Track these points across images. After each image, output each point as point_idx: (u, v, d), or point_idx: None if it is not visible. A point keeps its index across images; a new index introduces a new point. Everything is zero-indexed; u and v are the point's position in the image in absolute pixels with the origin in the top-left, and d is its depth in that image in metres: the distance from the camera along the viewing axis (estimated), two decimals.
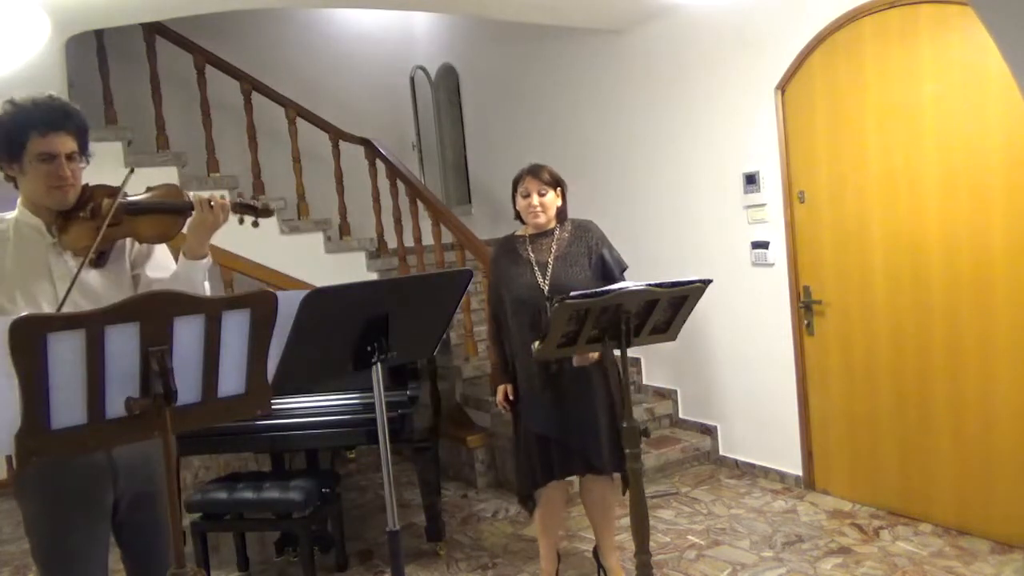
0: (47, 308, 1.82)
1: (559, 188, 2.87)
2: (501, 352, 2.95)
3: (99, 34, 4.54)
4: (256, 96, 4.97)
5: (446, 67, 6.59)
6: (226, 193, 2.00)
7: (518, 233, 2.95)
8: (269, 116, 5.15)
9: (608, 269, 2.83)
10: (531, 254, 2.85)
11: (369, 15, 6.56)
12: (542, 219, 2.84)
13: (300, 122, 5.11)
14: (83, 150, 1.90)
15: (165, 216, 1.95)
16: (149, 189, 2.01)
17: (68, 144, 1.85)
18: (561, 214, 2.90)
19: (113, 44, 4.69)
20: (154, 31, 4.70)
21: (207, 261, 1.98)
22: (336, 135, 5.26)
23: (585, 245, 2.84)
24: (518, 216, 2.92)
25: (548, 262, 2.81)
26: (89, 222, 1.87)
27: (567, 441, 2.78)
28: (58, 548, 1.87)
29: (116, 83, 4.65)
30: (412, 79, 6.77)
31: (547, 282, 2.76)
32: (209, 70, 4.86)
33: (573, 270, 2.78)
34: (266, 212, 2.08)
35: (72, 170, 1.87)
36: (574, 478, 3.02)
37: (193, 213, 1.93)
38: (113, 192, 1.90)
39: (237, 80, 4.95)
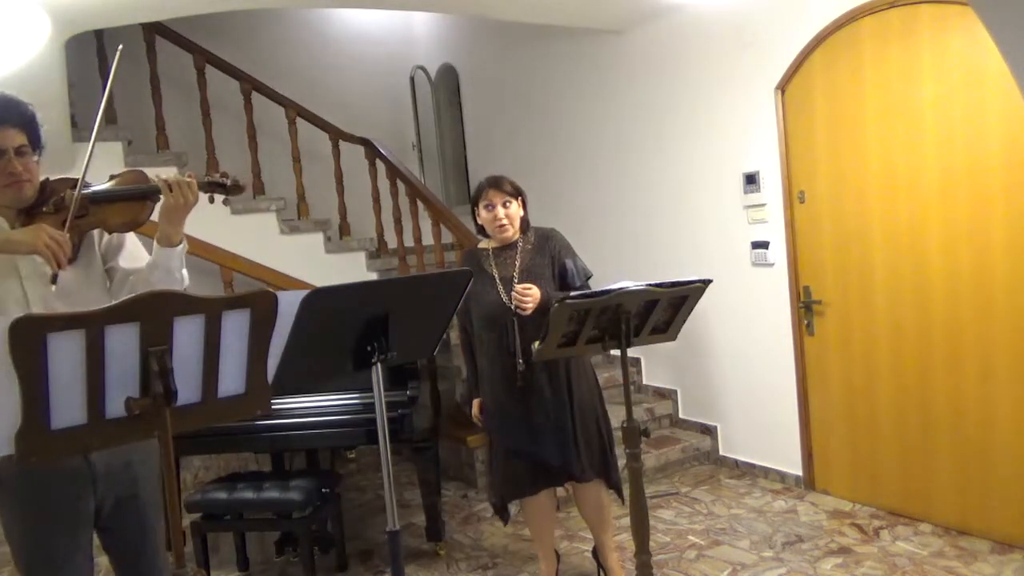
0: (15, 309, 1.76)
1: (520, 198, 2.83)
2: (472, 364, 2.91)
3: (99, 34, 4.54)
4: (256, 96, 4.97)
5: (446, 67, 6.58)
6: (193, 173, 1.95)
7: (481, 246, 2.91)
8: (269, 116, 5.15)
9: (568, 279, 2.79)
10: (495, 270, 2.80)
11: (369, 15, 6.55)
12: (509, 232, 2.79)
13: (300, 122, 5.10)
14: (35, 143, 1.84)
15: (132, 203, 1.89)
16: (112, 177, 1.96)
17: (15, 138, 1.80)
18: (524, 224, 2.86)
19: (113, 44, 4.68)
20: (154, 31, 4.70)
21: (183, 247, 1.92)
22: (336, 135, 5.26)
23: (548, 255, 2.80)
24: (480, 230, 2.88)
25: (512, 277, 2.77)
26: (54, 216, 1.82)
27: (543, 455, 2.75)
28: (39, 555, 1.83)
29: (116, 83, 4.60)
30: (412, 79, 6.77)
31: (512, 299, 2.72)
32: (209, 70, 4.85)
33: (537, 283, 2.72)
34: (236, 188, 1.99)
35: (24, 164, 1.81)
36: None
37: (161, 197, 1.86)
38: (76, 183, 1.84)
39: (237, 80, 4.95)
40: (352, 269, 5.12)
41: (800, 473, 3.95)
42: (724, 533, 3.51)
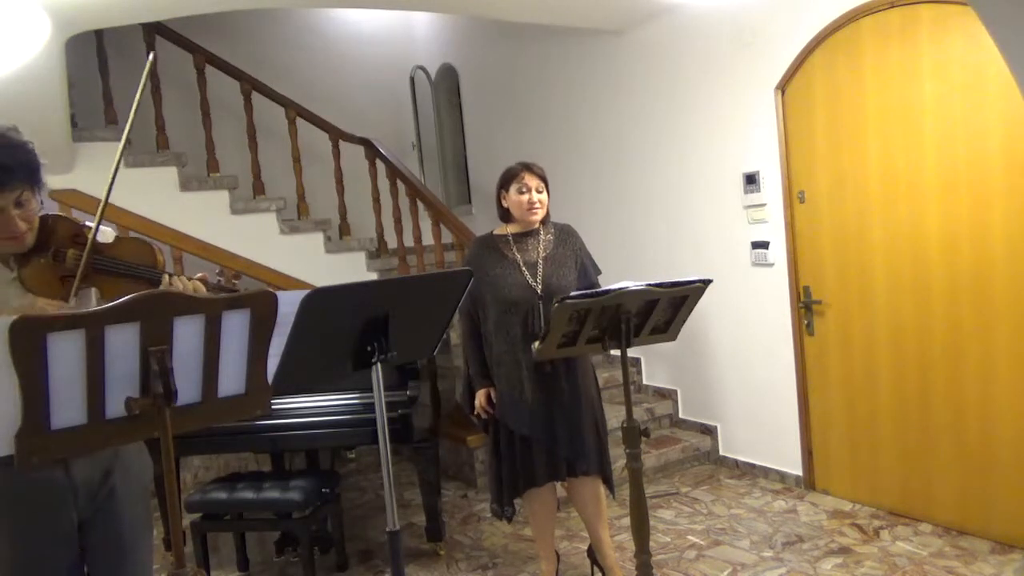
0: None
1: (547, 189, 2.86)
2: (479, 353, 2.88)
3: (99, 34, 4.55)
4: (256, 96, 4.97)
5: (446, 67, 6.59)
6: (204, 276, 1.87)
7: (498, 232, 2.89)
8: (269, 116, 5.15)
9: (589, 274, 2.86)
10: (516, 254, 2.81)
11: (369, 15, 6.56)
12: (539, 216, 2.81)
13: (300, 122, 5.11)
14: (36, 188, 1.76)
15: (137, 282, 1.79)
16: (119, 238, 1.88)
17: (12, 196, 1.71)
18: (545, 214, 2.89)
19: (113, 44, 4.69)
20: (154, 31, 4.70)
21: None
22: (336, 135, 5.26)
23: (571, 249, 2.84)
24: (504, 214, 2.87)
25: (537, 262, 2.78)
26: (52, 267, 1.75)
27: (553, 445, 2.76)
28: (20, 566, 1.80)
29: (116, 83, 4.66)
30: (412, 79, 6.77)
31: (539, 283, 2.74)
32: (209, 70, 4.86)
33: (563, 271, 2.77)
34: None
35: (25, 215, 1.73)
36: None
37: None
38: (75, 234, 1.76)
39: (237, 80, 4.95)
40: (352, 269, 5.12)
41: (800, 473, 3.95)
42: (724, 533, 3.51)
